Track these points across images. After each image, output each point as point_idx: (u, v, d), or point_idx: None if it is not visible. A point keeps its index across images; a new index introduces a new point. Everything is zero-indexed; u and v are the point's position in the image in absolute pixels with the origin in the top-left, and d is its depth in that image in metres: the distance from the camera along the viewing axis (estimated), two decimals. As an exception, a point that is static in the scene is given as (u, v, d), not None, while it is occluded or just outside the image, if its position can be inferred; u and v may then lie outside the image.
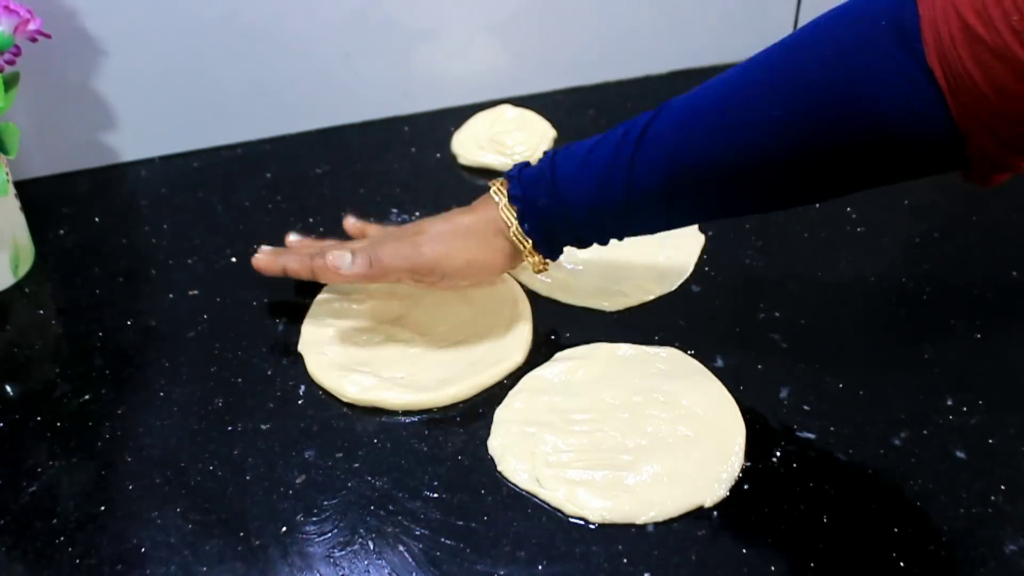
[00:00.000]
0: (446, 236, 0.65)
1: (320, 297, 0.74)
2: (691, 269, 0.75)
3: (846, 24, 0.53)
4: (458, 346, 0.69)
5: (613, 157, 0.60)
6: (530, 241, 0.64)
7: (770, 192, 0.58)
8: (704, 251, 0.77)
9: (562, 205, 0.62)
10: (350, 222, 0.76)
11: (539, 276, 0.74)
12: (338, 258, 0.65)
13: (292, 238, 0.75)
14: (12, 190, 0.76)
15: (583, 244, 0.65)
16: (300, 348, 0.69)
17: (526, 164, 0.65)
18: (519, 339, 0.69)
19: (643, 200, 0.60)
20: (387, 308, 0.72)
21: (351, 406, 0.65)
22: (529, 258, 0.65)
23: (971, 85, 0.48)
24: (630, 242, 0.75)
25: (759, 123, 0.55)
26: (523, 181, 0.64)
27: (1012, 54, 0.46)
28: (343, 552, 0.56)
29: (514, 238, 0.64)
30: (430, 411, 0.65)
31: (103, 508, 0.59)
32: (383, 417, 0.65)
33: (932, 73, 0.49)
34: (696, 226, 0.79)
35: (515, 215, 0.64)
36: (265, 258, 0.71)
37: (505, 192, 0.64)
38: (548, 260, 0.66)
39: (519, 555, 0.56)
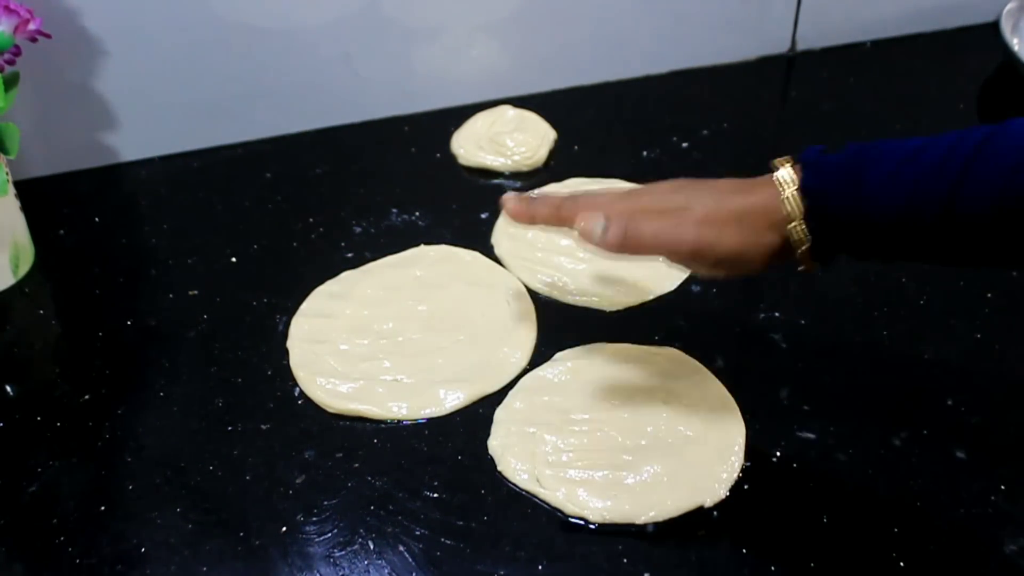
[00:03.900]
0: (715, 220, 0.56)
1: (315, 294, 0.74)
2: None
3: None
4: (459, 350, 0.69)
5: (938, 168, 0.51)
6: (810, 240, 0.55)
7: None
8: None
9: (861, 209, 0.53)
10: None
11: (539, 276, 0.74)
12: (591, 224, 0.56)
13: (535, 194, 0.65)
14: (12, 190, 0.76)
15: (865, 257, 0.56)
16: (292, 365, 0.68)
17: (822, 149, 0.56)
18: (522, 343, 0.69)
19: (959, 224, 0.51)
20: (384, 311, 0.72)
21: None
22: (801, 257, 0.56)
23: None
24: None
25: None
26: (821, 173, 0.55)
27: None
28: (343, 552, 0.56)
29: (793, 233, 0.55)
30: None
31: (103, 508, 0.59)
32: (383, 417, 0.65)
33: None
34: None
35: (803, 209, 0.55)
36: (518, 206, 0.61)
37: (797, 179, 0.55)
38: (817, 264, 0.57)
39: (519, 555, 0.56)
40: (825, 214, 0.54)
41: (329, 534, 0.57)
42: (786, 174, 0.56)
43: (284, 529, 0.57)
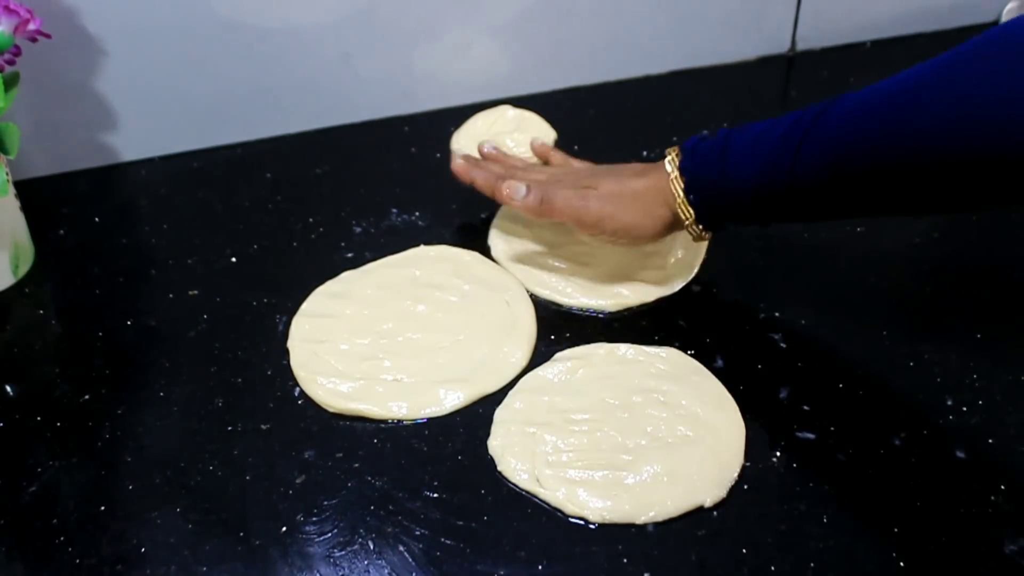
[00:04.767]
0: (614, 197, 0.68)
1: (316, 294, 0.74)
2: (695, 272, 0.74)
3: (1010, 42, 0.53)
4: (459, 350, 0.69)
5: (782, 142, 0.61)
6: (693, 213, 0.66)
7: (926, 195, 0.59)
8: (704, 251, 0.76)
9: (727, 183, 0.64)
10: (536, 144, 0.82)
11: (538, 277, 0.74)
12: (514, 189, 0.70)
13: (487, 149, 0.80)
14: (12, 190, 0.76)
15: (743, 223, 0.67)
16: (293, 365, 0.68)
17: (704, 136, 0.67)
18: (522, 343, 0.69)
19: (804, 188, 0.61)
20: (384, 311, 0.72)
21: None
22: (691, 228, 0.67)
23: None
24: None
25: (926, 127, 0.55)
26: (695, 155, 0.66)
27: None
28: (343, 552, 0.56)
29: (679, 209, 0.66)
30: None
31: (103, 508, 0.59)
32: (383, 417, 0.65)
33: None
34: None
35: (682, 186, 0.66)
36: (462, 166, 0.76)
37: (677, 163, 0.67)
38: (708, 232, 0.68)
39: (519, 555, 0.56)
40: (699, 190, 0.66)
41: (329, 534, 0.57)
42: (671, 160, 0.67)
43: (284, 529, 0.57)
